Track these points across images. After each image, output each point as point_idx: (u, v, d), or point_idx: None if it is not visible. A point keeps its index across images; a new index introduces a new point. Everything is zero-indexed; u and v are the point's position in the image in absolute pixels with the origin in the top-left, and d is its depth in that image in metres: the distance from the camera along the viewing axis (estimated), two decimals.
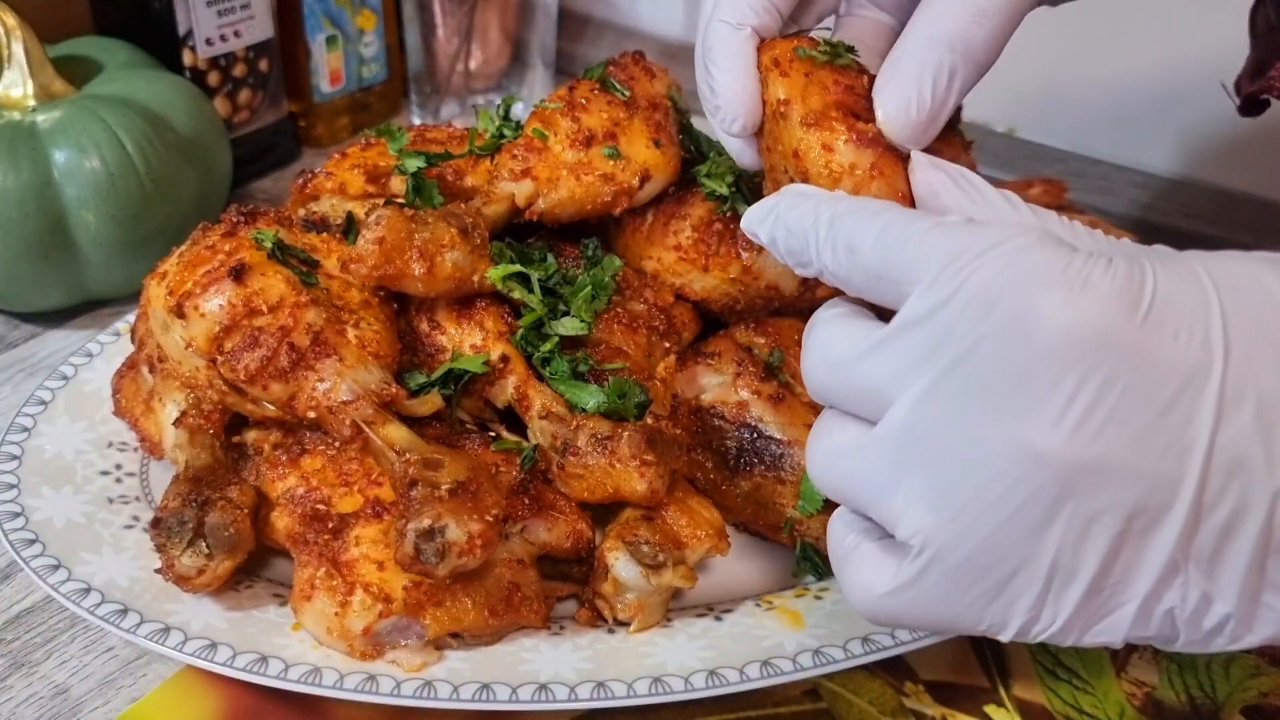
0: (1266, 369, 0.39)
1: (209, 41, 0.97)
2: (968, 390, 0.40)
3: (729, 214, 0.70)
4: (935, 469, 0.41)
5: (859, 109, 0.56)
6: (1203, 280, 0.40)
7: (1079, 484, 0.39)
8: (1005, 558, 0.41)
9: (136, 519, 0.64)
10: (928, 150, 0.54)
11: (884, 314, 0.46)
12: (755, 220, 0.50)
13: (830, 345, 0.46)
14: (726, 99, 0.58)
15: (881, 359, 0.43)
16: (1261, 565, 0.40)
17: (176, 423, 0.63)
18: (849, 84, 0.57)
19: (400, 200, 0.69)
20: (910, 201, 0.53)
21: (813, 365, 0.47)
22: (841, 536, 0.47)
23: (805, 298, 0.69)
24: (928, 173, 0.50)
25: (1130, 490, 0.39)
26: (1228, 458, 0.38)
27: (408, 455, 0.57)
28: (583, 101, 0.69)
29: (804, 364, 0.47)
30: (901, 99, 0.52)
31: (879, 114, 0.54)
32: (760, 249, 0.67)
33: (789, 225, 0.48)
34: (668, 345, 0.68)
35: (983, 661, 0.63)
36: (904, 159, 0.54)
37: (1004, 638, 0.43)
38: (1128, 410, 0.38)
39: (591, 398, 0.62)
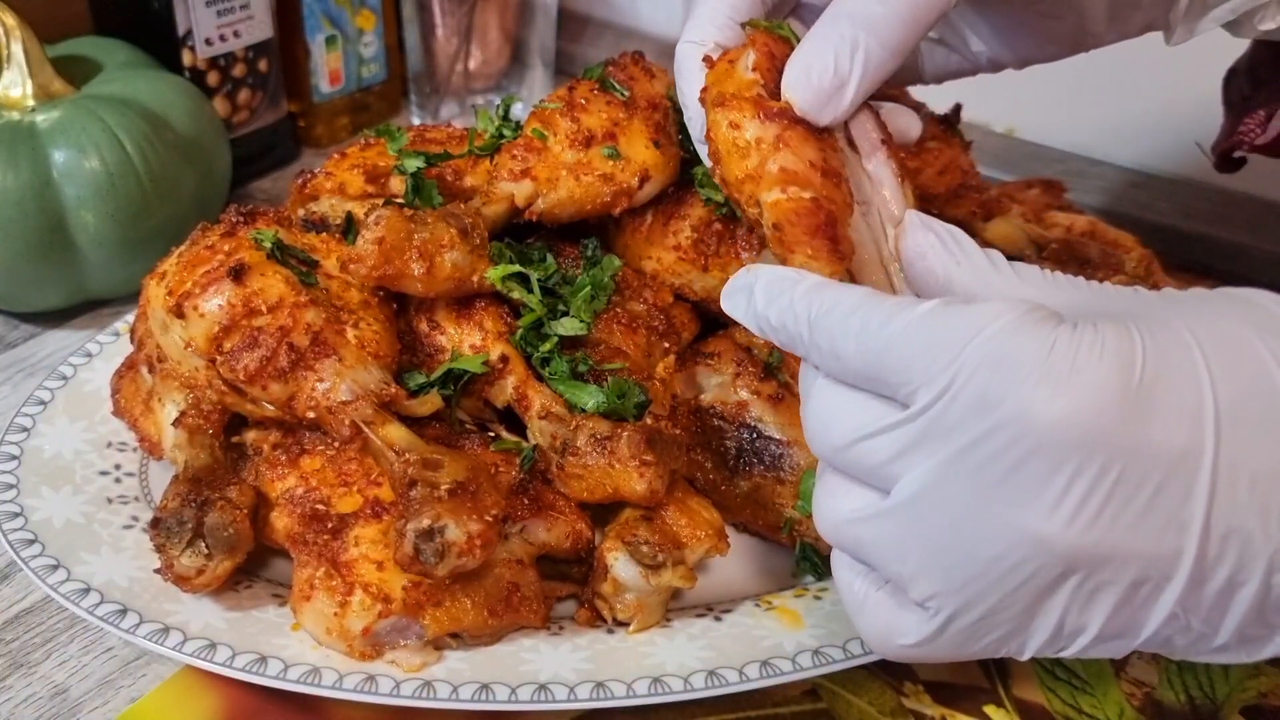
0: (1259, 443, 0.39)
1: (208, 41, 0.97)
2: (966, 478, 0.41)
3: (727, 215, 0.70)
4: (941, 544, 0.42)
5: (778, 86, 0.56)
6: (1192, 350, 0.40)
7: (1080, 563, 0.40)
8: (1016, 618, 0.43)
9: (136, 519, 0.64)
10: (921, 150, 0.54)
11: None
12: (735, 310, 0.51)
13: (830, 424, 0.46)
14: (694, 109, 0.59)
15: (881, 444, 0.43)
16: (1260, 613, 0.41)
17: (176, 423, 0.63)
18: (775, 51, 0.57)
19: (400, 200, 0.69)
20: (821, 172, 0.53)
21: (814, 438, 0.47)
22: (849, 583, 0.48)
23: None
24: (918, 234, 0.50)
25: (1131, 566, 0.40)
26: (1225, 529, 0.39)
27: (407, 455, 0.57)
28: (582, 102, 0.69)
29: (805, 431, 0.48)
30: (803, 65, 0.53)
31: (783, 82, 0.54)
32: (760, 250, 0.67)
33: (773, 323, 0.49)
34: (667, 345, 0.68)
35: (982, 662, 0.63)
36: (816, 132, 0.54)
37: (1022, 658, 0.45)
38: (1124, 495, 0.39)
39: (591, 398, 0.62)
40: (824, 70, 0.53)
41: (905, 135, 0.63)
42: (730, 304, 0.51)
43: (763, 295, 0.49)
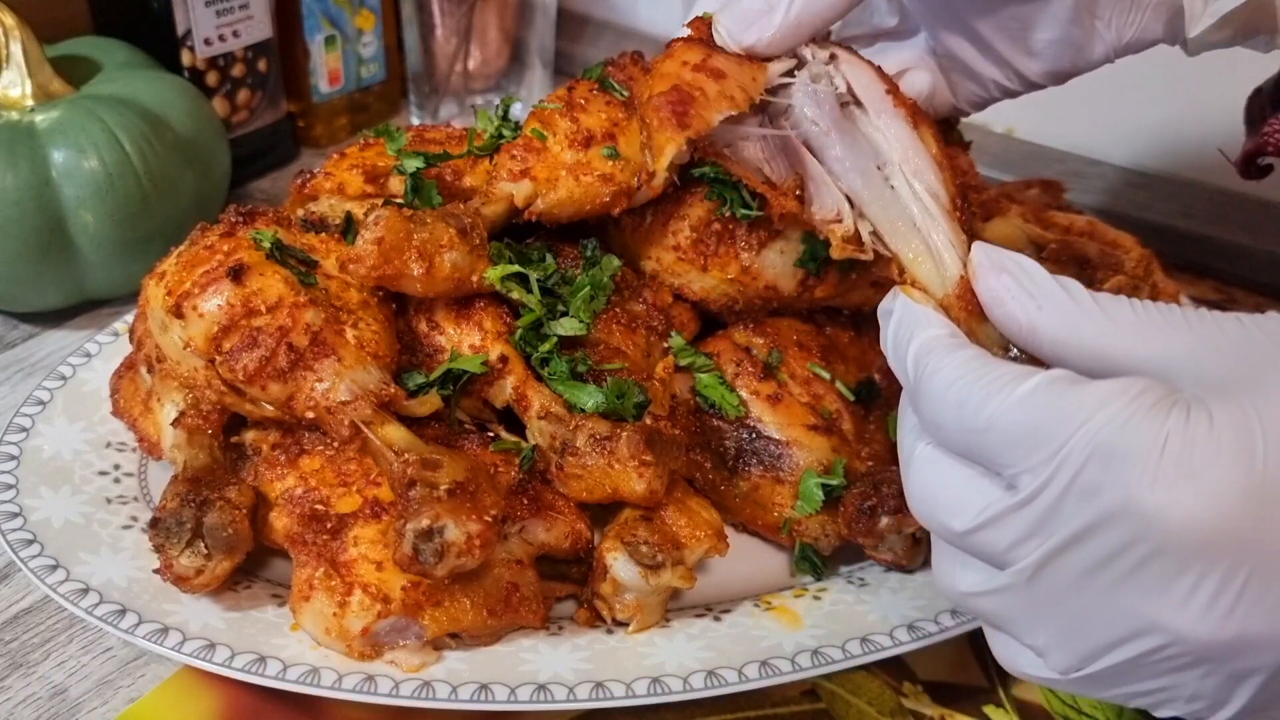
0: None
1: (207, 41, 0.97)
2: (1088, 571, 0.40)
3: (728, 214, 0.70)
4: (1066, 625, 0.42)
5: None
6: None
7: (1216, 653, 0.39)
8: (1152, 692, 0.42)
9: (135, 519, 0.64)
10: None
11: None
12: (883, 332, 0.51)
13: (937, 507, 0.45)
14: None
15: (995, 535, 0.43)
16: None
17: (175, 423, 0.63)
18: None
19: (399, 200, 0.69)
20: (693, 68, 0.60)
21: (925, 519, 0.47)
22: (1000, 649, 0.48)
23: (804, 298, 0.69)
24: (990, 279, 0.48)
25: (1272, 653, 0.39)
26: None
27: (406, 455, 0.57)
28: (581, 102, 0.69)
29: (910, 500, 0.47)
30: None
31: (715, 10, 0.60)
32: (758, 249, 0.67)
33: (894, 363, 0.49)
34: (666, 345, 0.68)
35: (981, 662, 0.63)
36: (709, 44, 0.61)
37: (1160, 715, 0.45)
38: (1257, 592, 0.38)
39: (590, 398, 0.62)
40: None
41: (915, 88, 0.63)
42: (882, 325, 0.51)
43: (893, 330, 0.49)
